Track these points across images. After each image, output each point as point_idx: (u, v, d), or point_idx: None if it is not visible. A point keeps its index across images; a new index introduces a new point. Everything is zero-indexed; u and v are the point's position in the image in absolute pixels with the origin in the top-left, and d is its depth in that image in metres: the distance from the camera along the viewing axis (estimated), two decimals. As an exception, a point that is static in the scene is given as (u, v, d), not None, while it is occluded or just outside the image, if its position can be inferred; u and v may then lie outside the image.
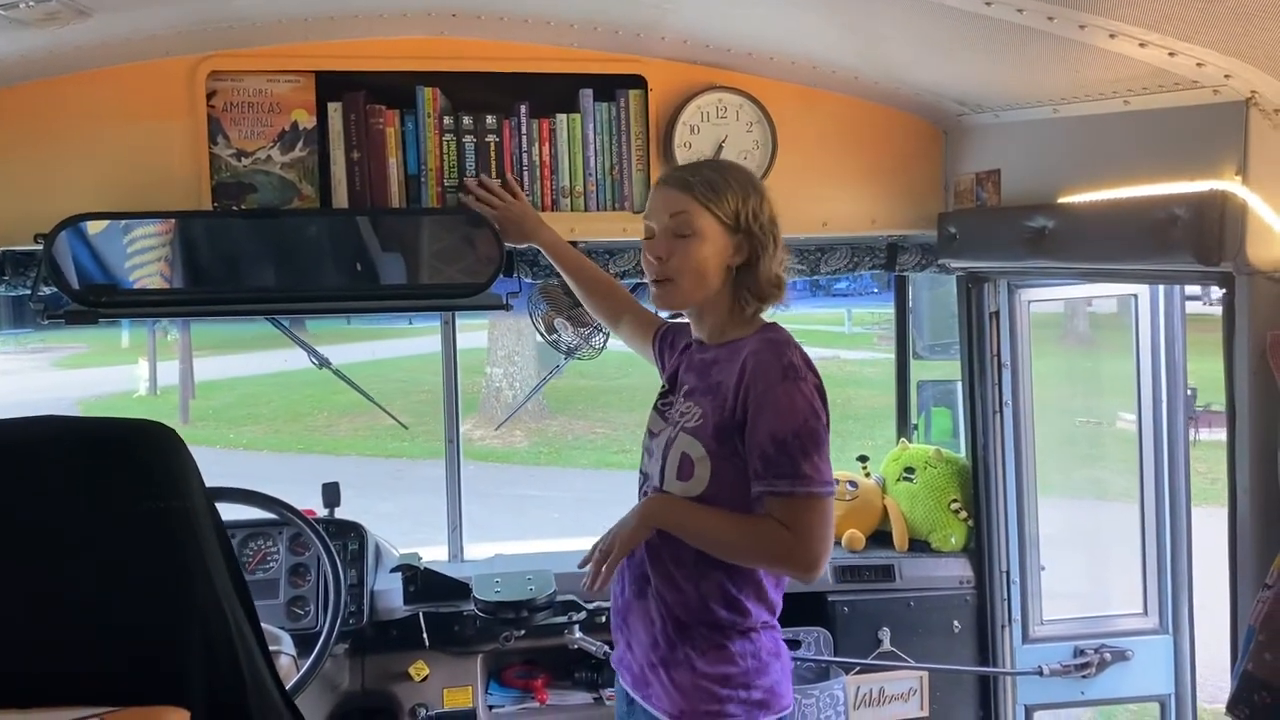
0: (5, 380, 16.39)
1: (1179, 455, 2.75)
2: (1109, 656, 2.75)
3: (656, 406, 1.94)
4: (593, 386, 13.76)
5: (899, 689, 2.75)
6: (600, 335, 2.61)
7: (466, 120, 2.42)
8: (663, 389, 1.96)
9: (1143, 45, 1.68)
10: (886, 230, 2.68)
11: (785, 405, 1.68)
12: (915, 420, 3.18)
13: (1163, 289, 2.71)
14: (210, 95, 2.34)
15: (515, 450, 11.84)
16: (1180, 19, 1.57)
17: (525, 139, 2.45)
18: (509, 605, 2.40)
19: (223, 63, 2.34)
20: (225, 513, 1.35)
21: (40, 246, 2.21)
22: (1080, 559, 3.14)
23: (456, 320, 2.90)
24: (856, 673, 2.71)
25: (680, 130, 2.47)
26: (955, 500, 2.83)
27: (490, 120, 2.43)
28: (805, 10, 2.10)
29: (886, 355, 3.92)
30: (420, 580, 2.59)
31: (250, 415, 14.01)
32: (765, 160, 2.51)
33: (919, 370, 3.19)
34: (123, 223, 2.29)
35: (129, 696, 1.18)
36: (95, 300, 2.28)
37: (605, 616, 2.06)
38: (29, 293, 2.35)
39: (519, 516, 8.56)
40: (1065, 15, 1.65)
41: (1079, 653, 2.76)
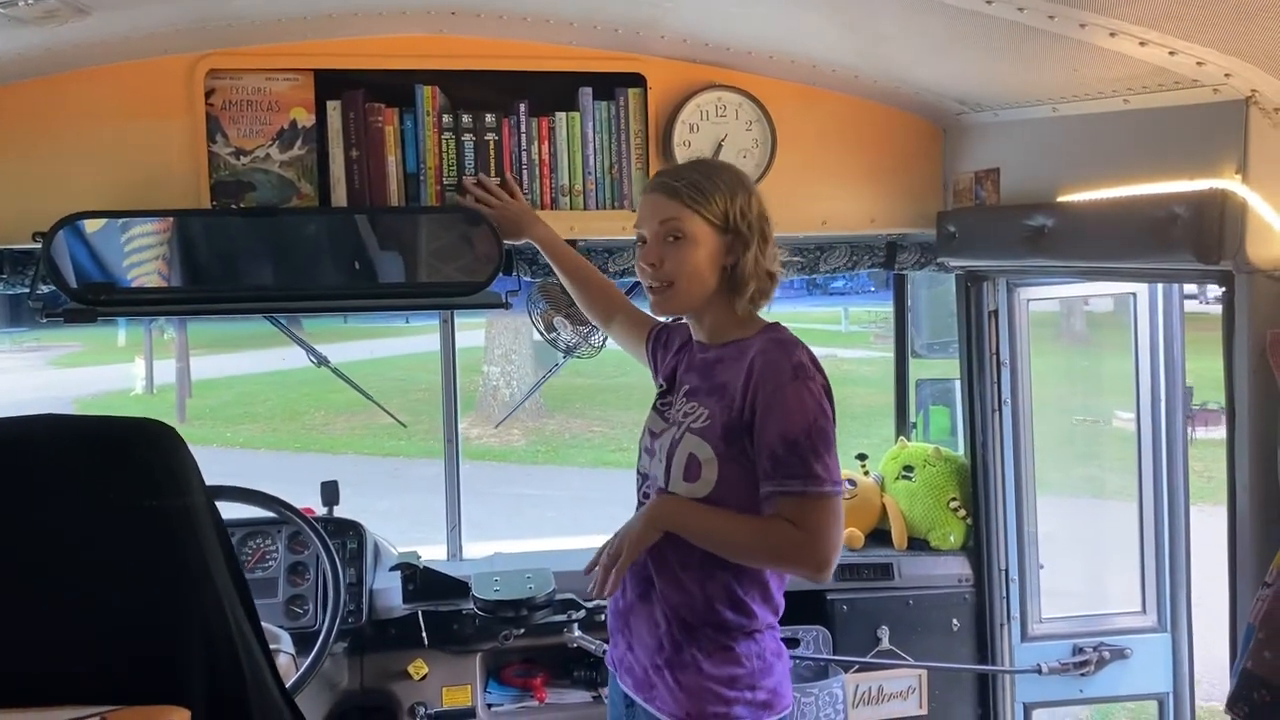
0: (1, 379, 16.36)
1: (1178, 453, 2.76)
2: (1107, 654, 2.75)
3: (655, 406, 1.93)
4: (590, 385, 13.74)
5: (898, 687, 2.76)
6: (599, 334, 2.61)
7: (465, 119, 2.42)
8: (661, 389, 1.95)
9: (1143, 44, 1.68)
10: (886, 229, 2.68)
11: (795, 405, 1.67)
12: (914, 418, 3.18)
13: (1161, 287, 2.71)
14: (209, 93, 2.34)
15: (512, 449, 11.82)
16: (1181, 18, 1.57)
17: (524, 137, 2.45)
18: (508, 604, 2.40)
19: (221, 61, 2.33)
20: (224, 511, 1.34)
21: (38, 245, 2.21)
22: (1079, 557, 3.15)
23: (455, 319, 2.90)
24: (855, 671, 2.72)
25: (679, 129, 2.47)
26: (954, 499, 2.84)
27: (489, 119, 2.43)
28: (805, 9, 2.10)
29: (883, 354, 3.93)
30: (419, 579, 2.58)
31: (247, 414, 13.98)
32: (764, 159, 2.51)
33: (917, 369, 3.20)
34: (121, 221, 2.29)
35: (129, 695, 1.18)
36: (94, 299, 2.28)
37: (604, 615, 2.05)
38: (27, 291, 2.35)
39: (516, 516, 8.54)
40: (1066, 14, 1.65)
41: (1077, 651, 2.76)
